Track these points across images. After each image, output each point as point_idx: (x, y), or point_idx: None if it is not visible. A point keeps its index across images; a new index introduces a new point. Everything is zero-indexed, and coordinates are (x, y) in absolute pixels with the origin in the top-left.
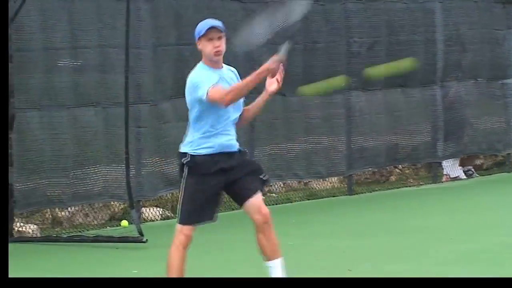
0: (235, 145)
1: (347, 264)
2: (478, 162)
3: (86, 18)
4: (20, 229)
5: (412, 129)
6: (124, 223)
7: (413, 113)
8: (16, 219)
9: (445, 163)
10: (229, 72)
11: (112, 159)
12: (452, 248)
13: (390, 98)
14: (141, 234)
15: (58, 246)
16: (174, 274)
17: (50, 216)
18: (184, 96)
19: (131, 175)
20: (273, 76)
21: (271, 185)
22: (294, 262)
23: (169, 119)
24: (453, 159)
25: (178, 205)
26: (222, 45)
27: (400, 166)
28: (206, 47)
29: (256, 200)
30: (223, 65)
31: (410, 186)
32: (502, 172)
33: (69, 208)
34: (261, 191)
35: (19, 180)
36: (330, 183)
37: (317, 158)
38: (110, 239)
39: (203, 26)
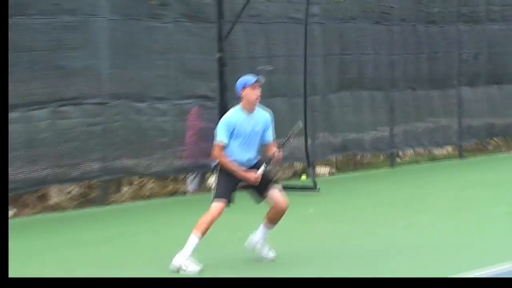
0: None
1: (459, 205)
2: None
3: (277, 36)
4: None
5: (505, 112)
6: (303, 177)
7: (505, 102)
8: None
9: None
10: (259, 116)
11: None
12: None
13: (489, 92)
14: (316, 185)
15: None
16: None
17: None
18: (346, 90)
19: (308, 144)
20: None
21: (404, 151)
22: (425, 205)
23: (334, 106)
24: None
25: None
26: (260, 93)
27: (495, 138)
28: (251, 94)
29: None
30: (258, 109)
31: (502, 153)
32: None
33: None
34: None
35: None
36: (447, 151)
37: (437, 133)
38: (294, 188)
39: (250, 78)
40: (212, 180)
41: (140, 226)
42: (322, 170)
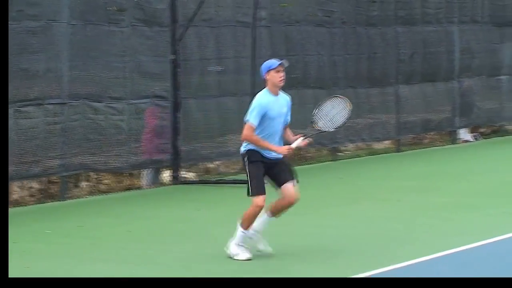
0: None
1: (399, 196)
2: (481, 130)
3: (226, 39)
4: (185, 175)
5: (439, 108)
6: None
7: (439, 99)
8: (182, 169)
9: (460, 131)
10: (282, 99)
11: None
12: (468, 185)
13: (425, 89)
14: None
15: (209, 186)
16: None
17: (203, 167)
18: (291, 89)
19: None
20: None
21: (346, 146)
22: (367, 196)
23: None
24: (465, 128)
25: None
26: (284, 76)
27: (430, 133)
28: (275, 77)
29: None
30: (280, 92)
31: (437, 146)
32: (497, 136)
33: (215, 162)
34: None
35: (183, 144)
36: (385, 145)
37: (376, 128)
38: (242, 182)
39: (273, 62)
40: (165, 174)
41: (98, 219)
42: None
